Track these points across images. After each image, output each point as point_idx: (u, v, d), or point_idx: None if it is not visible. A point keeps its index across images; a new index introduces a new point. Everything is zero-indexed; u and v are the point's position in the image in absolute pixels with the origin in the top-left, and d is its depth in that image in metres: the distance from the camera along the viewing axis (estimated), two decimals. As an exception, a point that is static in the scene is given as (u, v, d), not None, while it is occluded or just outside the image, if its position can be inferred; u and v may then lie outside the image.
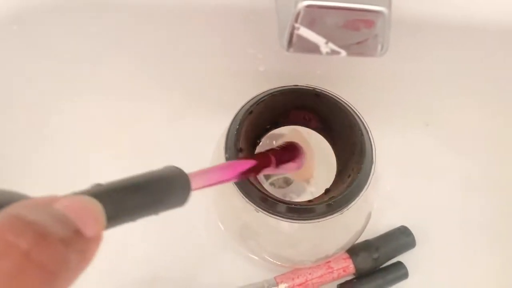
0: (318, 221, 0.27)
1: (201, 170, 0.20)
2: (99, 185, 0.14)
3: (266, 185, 0.40)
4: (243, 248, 0.36)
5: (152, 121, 0.40)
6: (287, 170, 0.32)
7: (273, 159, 0.29)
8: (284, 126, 0.34)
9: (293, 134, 0.35)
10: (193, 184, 0.19)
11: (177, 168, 0.18)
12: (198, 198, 0.37)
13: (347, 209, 0.27)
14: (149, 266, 0.37)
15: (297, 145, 0.32)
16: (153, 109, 0.40)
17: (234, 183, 0.29)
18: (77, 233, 0.12)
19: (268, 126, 0.33)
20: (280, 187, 0.40)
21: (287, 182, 0.41)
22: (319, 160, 0.38)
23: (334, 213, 0.27)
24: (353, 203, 0.27)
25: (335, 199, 0.27)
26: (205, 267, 0.37)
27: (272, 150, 0.30)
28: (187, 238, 0.38)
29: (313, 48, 0.22)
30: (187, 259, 0.37)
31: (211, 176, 0.22)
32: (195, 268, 0.37)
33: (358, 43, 0.21)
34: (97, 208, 0.13)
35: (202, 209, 0.38)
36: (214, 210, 0.36)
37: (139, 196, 0.15)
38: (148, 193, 0.16)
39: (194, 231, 0.38)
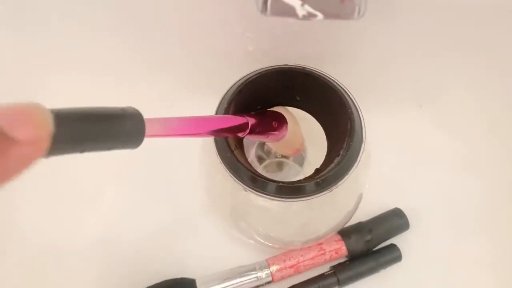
0: (308, 199, 0.27)
1: (162, 118, 0.20)
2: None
3: (260, 169, 0.40)
4: (234, 231, 0.36)
5: (139, 103, 0.39)
6: (266, 137, 0.31)
7: (249, 121, 0.28)
8: (274, 107, 0.34)
9: (280, 109, 0.35)
10: (150, 127, 0.18)
11: (134, 109, 0.17)
12: (189, 180, 0.38)
13: (336, 187, 0.27)
14: (138, 248, 0.37)
15: (279, 114, 0.32)
16: (141, 90, 0.39)
17: (224, 163, 0.28)
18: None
19: (258, 107, 0.33)
20: (273, 171, 0.40)
21: (280, 166, 0.41)
22: (311, 142, 0.38)
23: (323, 191, 0.27)
24: (342, 181, 0.27)
25: (324, 177, 0.27)
26: (196, 251, 0.37)
27: (250, 114, 0.30)
28: (177, 221, 0.38)
29: (289, 11, 0.21)
30: (177, 242, 0.37)
31: (172, 126, 0.21)
32: (185, 252, 0.37)
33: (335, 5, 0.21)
34: (37, 113, 0.13)
35: (193, 191, 0.37)
36: (205, 192, 0.36)
37: (91, 124, 0.15)
38: (101, 124, 0.15)
39: (184, 214, 0.38)
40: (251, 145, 0.40)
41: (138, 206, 0.39)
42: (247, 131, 0.28)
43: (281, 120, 0.32)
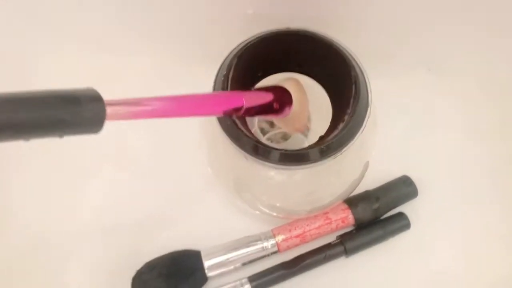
0: (312, 167, 0.26)
1: (130, 99, 0.18)
2: None
3: (263, 140, 0.39)
4: (238, 201, 0.35)
5: (136, 73, 0.39)
6: (265, 117, 0.30)
7: (246, 102, 0.26)
8: (276, 73, 0.33)
9: (290, 83, 0.33)
10: (114, 111, 0.16)
11: (93, 90, 0.16)
12: (191, 152, 0.37)
13: (341, 154, 0.26)
14: (141, 222, 0.37)
15: (284, 92, 0.30)
16: (135, 62, 0.38)
17: (225, 132, 0.28)
18: None
19: (259, 74, 0.32)
20: (277, 142, 0.39)
21: (285, 137, 0.40)
22: (315, 109, 0.37)
23: (327, 158, 0.26)
24: (347, 147, 0.26)
25: (328, 143, 0.26)
26: (200, 222, 0.37)
27: (250, 90, 0.28)
28: (181, 193, 0.38)
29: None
30: (181, 215, 0.37)
31: (141, 108, 0.18)
32: (190, 224, 0.37)
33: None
34: None
35: (196, 162, 0.37)
36: (207, 163, 0.36)
37: (34, 109, 0.14)
38: (47, 109, 0.14)
39: (188, 186, 0.38)
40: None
41: (140, 179, 0.38)
42: (241, 112, 0.25)
43: (284, 99, 0.30)
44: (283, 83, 0.31)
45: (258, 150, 0.27)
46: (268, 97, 0.28)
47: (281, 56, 0.31)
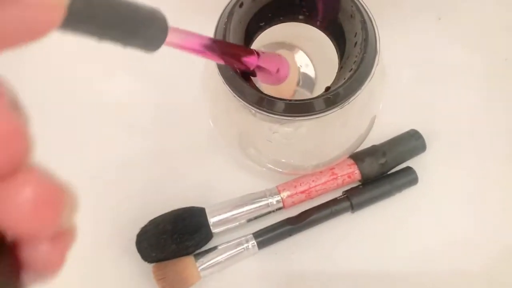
0: (317, 117, 0.25)
1: (183, 30, 0.20)
2: None
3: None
4: (243, 158, 0.34)
5: None
6: (268, 76, 0.29)
7: (256, 56, 0.26)
8: (281, 23, 0.31)
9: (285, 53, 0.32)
10: (170, 35, 0.18)
11: (162, 13, 0.17)
12: (195, 107, 0.36)
13: (348, 104, 0.25)
14: (145, 180, 0.36)
15: (284, 59, 0.30)
16: None
17: (229, 86, 0.27)
18: None
19: (262, 23, 0.30)
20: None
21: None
22: (321, 62, 0.35)
23: (333, 107, 0.25)
24: (353, 96, 0.25)
25: (334, 92, 0.25)
26: (205, 179, 0.36)
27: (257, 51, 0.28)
28: (184, 150, 0.37)
29: None
30: (185, 172, 0.36)
31: (189, 39, 0.21)
32: (194, 181, 0.36)
33: None
34: None
35: (199, 118, 0.36)
36: (212, 120, 0.35)
37: (117, 9, 0.14)
38: (125, 12, 0.15)
39: (192, 142, 0.37)
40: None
41: (142, 137, 0.37)
42: (247, 63, 0.26)
43: (284, 66, 0.30)
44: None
45: (263, 102, 0.26)
46: (276, 62, 0.29)
47: (284, 4, 0.29)
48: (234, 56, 0.25)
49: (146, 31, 0.16)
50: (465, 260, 0.33)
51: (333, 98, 0.25)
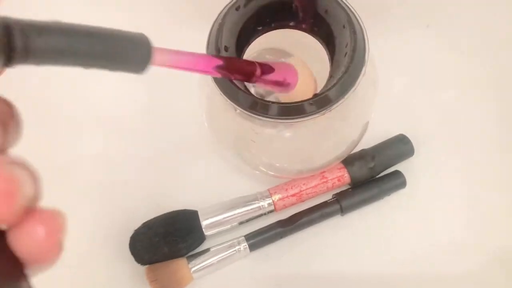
0: (308, 119, 0.26)
1: (170, 49, 0.19)
2: (57, 22, 0.14)
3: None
4: (236, 161, 0.35)
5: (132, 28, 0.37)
6: (272, 85, 0.30)
7: (257, 66, 0.27)
8: (277, 29, 0.32)
9: (295, 60, 0.32)
10: (157, 56, 0.18)
11: (143, 35, 0.17)
12: (190, 110, 0.36)
13: (334, 108, 0.26)
14: (138, 181, 0.37)
15: (291, 67, 0.30)
16: (125, 21, 0.37)
17: (223, 92, 0.27)
18: None
19: (259, 28, 0.31)
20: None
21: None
22: (316, 67, 0.36)
23: (321, 110, 0.26)
24: (340, 102, 0.26)
25: (322, 95, 0.26)
26: (198, 182, 0.37)
27: (261, 62, 0.28)
28: (179, 153, 0.37)
29: None
30: (179, 174, 0.37)
31: (178, 57, 0.20)
32: (187, 183, 0.37)
33: None
34: None
35: (194, 121, 0.36)
36: (205, 123, 0.35)
37: (91, 40, 0.15)
38: (102, 41, 0.15)
39: (186, 145, 0.37)
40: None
41: (137, 138, 0.38)
42: (255, 78, 0.26)
43: (291, 74, 0.30)
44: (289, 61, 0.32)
45: (256, 106, 0.27)
46: (282, 71, 0.29)
47: (280, 10, 0.30)
48: (237, 71, 0.25)
49: (128, 55, 0.16)
50: (452, 263, 0.34)
51: (319, 101, 0.26)
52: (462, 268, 0.34)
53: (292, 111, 0.26)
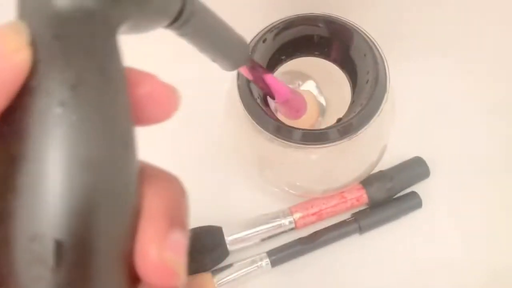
0: (330, 146, 0.27)
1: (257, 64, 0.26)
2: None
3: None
4: (259, 179, 0.36)
5: (149, 60, 0.39)
6: (289, 111, 0.32)
7: (286, 90, 0.29)
8: (299, 57, 0.34)
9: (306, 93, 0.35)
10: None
11: (247, 43, 0.23)
12: (215, 129, 0.38)
13: (357, 135, 0.28)
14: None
15: (304, 99, 0.32)
16: (151, 48, 0.39)
17: (250, 114, 0.29)
18: None
19: (283, 57, 0.33)
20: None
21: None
22: (335, 93, 0.38)
23: (345, 137, 0.27)
24: (363, 129, 0.28)
25: (345, 124, 0.27)
26: (222, 199, 0.38)
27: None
28: (203, 170, 0.39)
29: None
30: (203, 191, 0.38)
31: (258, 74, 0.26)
32: (212, 200, 0.38)
33: None
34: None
35: (219, 141, 0.38)
36: (231, 143, 0.37)
37: (225, 31, 0.20)
38: (230, 33, 0.21)
39: (210, 163, 0.39)
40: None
41: (163, 155, 0.39)
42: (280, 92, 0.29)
43: (303, 107, 0.32)
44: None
45: (281, 130, 0.29)
46: (299, 102, 0.32)
47: (304, 40, 0.32)
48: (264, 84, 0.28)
49: (233, 54, 0.21)
50: (468, 284, 0.35)
51: (344, 129, 0.28)
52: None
53: (316, 137, 0.27)
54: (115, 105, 0.12)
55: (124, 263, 0.12)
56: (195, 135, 0.40)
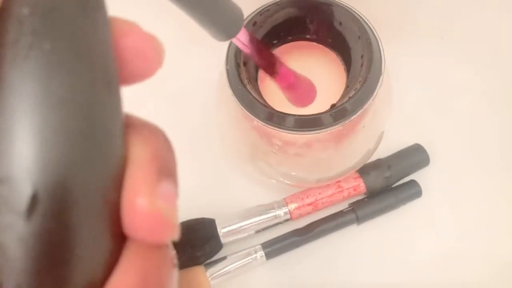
0: (324, 131, 0.26)
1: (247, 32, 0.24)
2: None
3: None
4: (253, 170, 0.35)
5: None
6: (294, 95, 0.30)
7: (287, 69, 0.28)
8: (293, 42, 0.32)
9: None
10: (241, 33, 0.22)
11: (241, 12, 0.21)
12: (207, 120, 0.37)
13: (352, 120, 0.26)
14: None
15: (314, 85, 0.31)
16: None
17: (240, 103, 0.28)
18: None
19: (274, 41, 0.32)
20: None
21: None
22: (330, 78, 0.37)
23: (339, 122, 0.26)
24: (357, 113, 0.26)
25: (339, 108, 0.26)
26: (215, 191, 0.37)
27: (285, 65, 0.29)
28: (195, 161, 0.38)
29: None
30: (196, 183, 0.37)
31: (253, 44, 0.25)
32: (204, 192, 0.37)
33: None
34: None
35: (211, 131, 0.37)
36: (223, 133, 0.36)
37: None
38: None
39: (203, 154, 0.38)
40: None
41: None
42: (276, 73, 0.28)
43: (313, 92, 0.31)
44: None
45: (272, 117, 0.27)
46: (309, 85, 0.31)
47: (297, 23, 0.31)
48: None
49: (224, 20, 0.20)
50: (467, 272, 0.34)
51: (339, 113, 0.26)
52: (477, 277, 0.34)
53: (309, 123, 0.26)
54: (94, 38, 0.11)
55: (107, 216, 0.11)
56: (187, 125, 0.39)
